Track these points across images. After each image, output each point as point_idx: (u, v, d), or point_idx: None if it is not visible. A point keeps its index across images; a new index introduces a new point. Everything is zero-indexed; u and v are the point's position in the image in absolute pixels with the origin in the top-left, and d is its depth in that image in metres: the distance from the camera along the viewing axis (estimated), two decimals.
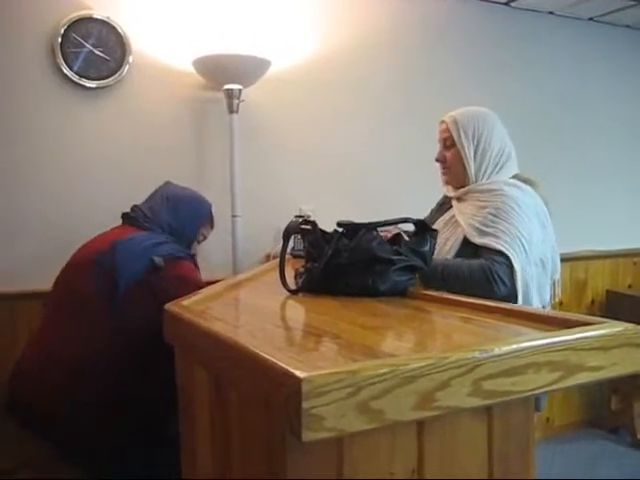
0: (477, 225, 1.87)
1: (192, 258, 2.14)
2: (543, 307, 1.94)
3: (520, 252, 1.81)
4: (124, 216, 2.16)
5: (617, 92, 3.98)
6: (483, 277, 1.76)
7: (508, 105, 3.43)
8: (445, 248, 1.91)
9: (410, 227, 1.65)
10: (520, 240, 1.82)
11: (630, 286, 4.09)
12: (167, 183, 2.28)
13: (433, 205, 2.24)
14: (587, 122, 3.87)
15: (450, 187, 2.07)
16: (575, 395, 3.83)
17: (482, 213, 1.88)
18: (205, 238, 2.32)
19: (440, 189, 2.17)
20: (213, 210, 2.31)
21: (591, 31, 3.86)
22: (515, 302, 1.79)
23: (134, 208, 2.18)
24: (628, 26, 3.95)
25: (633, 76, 4.04)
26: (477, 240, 1.85)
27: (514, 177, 1.98)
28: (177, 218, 2.14)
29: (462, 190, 2.00)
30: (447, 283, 1.74)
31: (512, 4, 3.53)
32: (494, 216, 1.86)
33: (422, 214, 2.17)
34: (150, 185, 2.27)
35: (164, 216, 2.13)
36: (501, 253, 1.79)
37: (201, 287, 1.90)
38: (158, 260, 1.93)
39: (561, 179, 3.69)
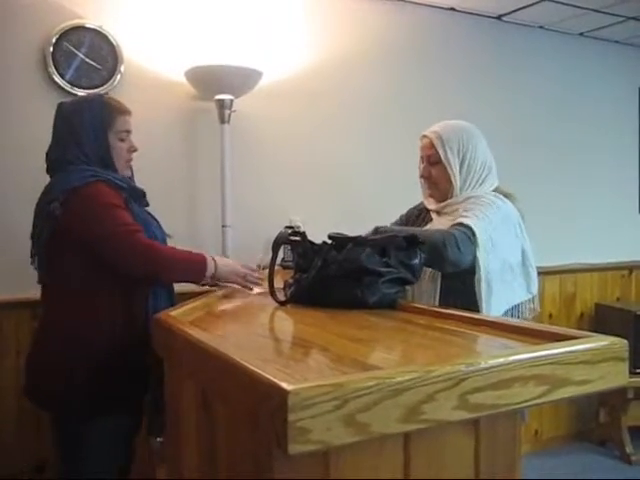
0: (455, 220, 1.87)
1: (99, 177, 1.81)
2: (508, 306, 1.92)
3: (487, 236, 1.79)
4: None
5: (606, 105, 4.01)
6: (438, 240, 1.72)
7: (499, 116, 3.47)
8: None
9: None
10: (489, 230, 1.81)
11: (618, 299, 4.11)
12: (58, 106, 1.94)
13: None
14: (577, 134, 3.90)
15: (432, 200, 2.07)
16: (564, 408, 3.84)
17: (460, 213, 1.90)
18: (128, 132, 1.95)
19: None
20: (205, 220, 2.20)
21: (581, 45, 3.90)
22: (466, 276, 1.78)
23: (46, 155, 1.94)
24: (617, 42, 4.00)
25: (621, 90, 4.08)
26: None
27: (495, 190, 2.00)
28: (80, 141, 1.84)
29: (443, 204, 2.01)
30: None
31: (504, 18, 3.57)
32: (472, 207, 1.87)
33: None
34: None
35: (70, 147, 1.86)
36: (466, 226, 1.78)
37: (112, 203, 1.77)
38: (53, 206, 1.76)
39: (550, 191, 3.72)
